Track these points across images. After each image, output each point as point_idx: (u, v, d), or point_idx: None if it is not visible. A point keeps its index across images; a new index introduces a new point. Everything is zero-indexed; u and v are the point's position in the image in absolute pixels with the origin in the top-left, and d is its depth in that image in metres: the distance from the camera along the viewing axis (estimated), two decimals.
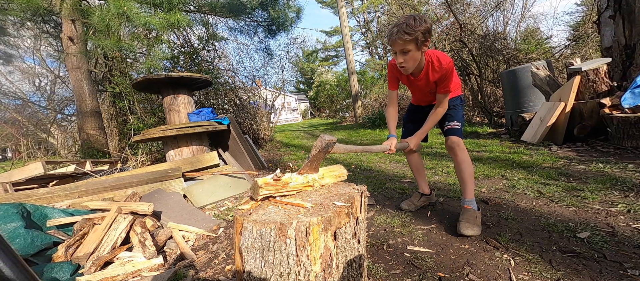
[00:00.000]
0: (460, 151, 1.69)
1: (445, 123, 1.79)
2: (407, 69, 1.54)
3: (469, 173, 1.69)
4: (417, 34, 1.38)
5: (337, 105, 20.38)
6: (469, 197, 1.69)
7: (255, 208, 0.99)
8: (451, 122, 1.76)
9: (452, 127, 1.74)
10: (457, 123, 1.75)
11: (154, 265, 1.61)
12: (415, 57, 1.48)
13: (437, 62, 1.55)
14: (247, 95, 8.07)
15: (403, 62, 1.50)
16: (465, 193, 1.71)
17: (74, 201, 2.29)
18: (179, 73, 3.44)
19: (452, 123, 1.75)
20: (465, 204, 1.69)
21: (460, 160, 1.70)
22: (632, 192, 1.82)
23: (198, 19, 6.23)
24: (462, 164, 1.69)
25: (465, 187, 1.70)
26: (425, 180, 2.06)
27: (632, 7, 3.44)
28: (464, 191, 1.72)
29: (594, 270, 1.18)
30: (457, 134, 1.72)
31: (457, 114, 1.78)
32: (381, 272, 1.34)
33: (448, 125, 1.76)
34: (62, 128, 8.12)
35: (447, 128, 1.77)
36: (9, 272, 0.36)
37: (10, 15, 4.71)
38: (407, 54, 1.46)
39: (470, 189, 1.70)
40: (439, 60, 1.55)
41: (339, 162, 4.20)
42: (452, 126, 1.75)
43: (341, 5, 11.11)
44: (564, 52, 6.91)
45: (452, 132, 1.73)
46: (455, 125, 1.74)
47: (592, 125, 3.25)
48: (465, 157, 1.70)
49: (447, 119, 1.78)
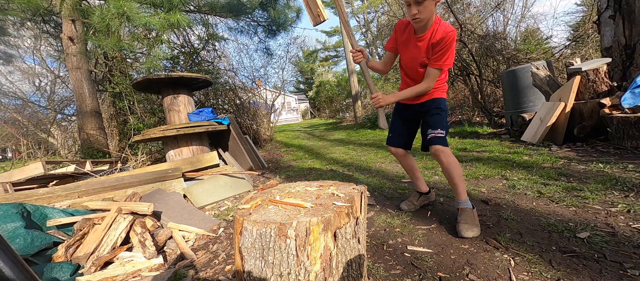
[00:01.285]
0: (446, 156, 1.62)
1: (428, 131, 1.69)
2: (420, 20, 1.49)
3: (458, 175, 1.64)
4: None
5: (337, 105, 20.39)
6: (463, 198, 1.67)
7: (255, 208, 0.99)
8: (435, 130, 1.66)
9: (436, 136, 1.65)
10: (441, 131, 1.65)
11: (154, 265, 1.61)
12: (430, 8, 1.45)
13: (443, 26, 1.53)
14: (247, 95, 8.07)
15: (417, 13, 1.46)
16: (458, 195, 1.69)
17: (74, 201, 2.29)
18: (179, 74, 3.44)
19: (436, 132, 1.65)
20: (460, 205, 1.68)
21: (447, 164, 1.63)
22: (632, 192, 1.82)
23: (198, 19, 6.23)
24: (449, 167, 1.63)
25: (457, 189, 1.67)
26: (422, 179, 2.04)
27: (632, 7, 3.44)
28: (456, 193, 1.70)
29: (594, 270, 1.18)
30: (441, 143, 1.64)
31: (442, 121, 1.68)
32: (381, 272, 1.34)
33: (431, 133, 1.66)
34: (62, 128, 8.12)
35: (430, 136, 1.66)
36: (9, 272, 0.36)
37: (10, 15, 4.71)
38: (421, 3, 1.43)
39: (462, 190, 1.67)
40: (445, 26, 1.53)
41: (339, 161, 4.20)
42: (435, 134, 1.65)
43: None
44: (564, 52, 6.91)
45: (435, 140, 1.64)
46: (439, 134, 1.65)
47: (592, 125, 3.25)
48: (451, 161, 1.63)
49: (430, 126, 1.69)
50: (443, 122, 1.68)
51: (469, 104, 7.16)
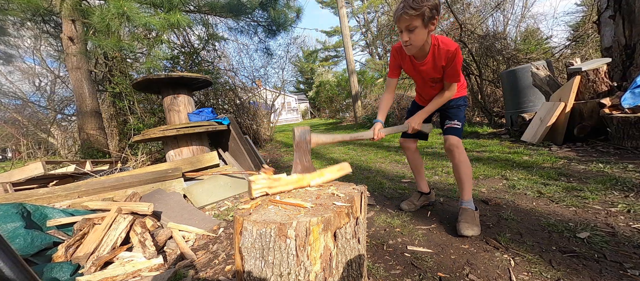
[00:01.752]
0: (459, 153, 1.67)
1: (445, 121, 1.76)
2: (412, 47, 1.49)
3: (467, 175, 1.67)
4: (423, 9, 1.34)
5: (337, 105, 20.38)
6: (467, 198, 1.68)
7: (255, 208, 0.99)
8: (452, 121, 1.72)
9: (453, 126, 1.71)
10: (458, 122, 1.71)
11: (154, 265, 1.61)
12: (421, 35, 1.43)
13: (443, 45, 1.51)
14: (247, 95, 8.07)
15: (408, 41, 1.45)
16: (463, 194, 1.70)
17: (74, 201, 2.29)
18: (179, 74, 3.44)
19: (453, 122, 1.72)
20: (463, 205, 1.68)
21: (458, 161, 1.67)
22: (632, 192, 1.82)
23: (198, 19, 6.23)
24: (460, 165, 1.67)
25: (463, 188, 1.69)
26: (425, 179, 2.05)
27: (632, 7, 3.44)
28: (462, 192, 1.71)
29: (594, 270, 1.18)
30: (457, 134, 1.69)
31: (459, 113, 1.74)
32: (381, 272, 1.34)
33: (449, 124, 1.73)
34: (62, 128, 8.13)
35: (447, 126, 1.73)
36: (9, 272, 0.36)
37: (10, 15, 4.71)
38: (413, 31, 1.41)
39: (468, 190, 1.69)
40: (445, 43, 1.51)
41: (339, 161, 4.20)
42: (452, 124, 1.71)
43: (341, 5, 11.11)
44: (564, 52, 6.92)
45: (452, 131, 1.70)
46: (456, 124, 1.71)
47: (592, 125, 3.25)
48: (464, 159, 1.67)
49: (448, 117, 1.75)
50: (460, 115, 1.74)
51: (469, 104, 7.16)
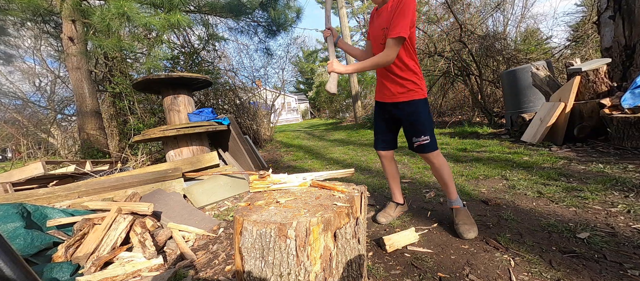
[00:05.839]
0: (436, 158, 1.63)
1: (412, 139, 1.64)
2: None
3: (448, 175, 1.67)
4: None
5: (337, 106, 20.38)
6: (454, 197, 1.70)
7: (255, 208, 0.99)
8: (419, 138, 1.60)
9: (422, 144, 1.60)
10: (426, 137, 1.59)
11: (154, 265, 1.61)
12: None
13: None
14: (247, 96, 8.08)
15: None
16: (449, 194, 1.71)
17: (74, 201, 2.29)
18: (179, 74, 3.44)
19: (420, 139, 1.60)
20: (452, 205, 1.70)
21: (438, 166, 1.64)
22: (632, 193, 1.82)
23: (198, 19, 6.23)
24: (441, 169, 1.65)
25: (448, 189, 1.69)
26: (400, 189, 1.97)
27: (632, 7, 3.44)
28: (447, 193, 1.72)
29: (594, 270, 1.18)
30: (431, 149, 1.60)
31: (423, 124, 1.58)
32: (381, 272, 1.34)
33: (417, 142, 1.62)
34: (62, 128, 8.13)
35: (416, 145, 1.63)
36: (9, 272, 0.36)
37: (10, 15, 4.70)
38: None
39: (452, 189, 1.70)
40: None
41: (339, 161, 4.20)
42: (421, 142, 1.60)
43: (341, 5, 11.11)
44: (564, 53, 6.92)
45: (423, 149, 1.61)
46: (424, 141, 1.59)
47: (592, 125, 3.25)
48: (441, 162, 1.64)
49: (414, 134, 1.62)
50: (425, 125, 1.59)
51: (469, 104, 7.17)
